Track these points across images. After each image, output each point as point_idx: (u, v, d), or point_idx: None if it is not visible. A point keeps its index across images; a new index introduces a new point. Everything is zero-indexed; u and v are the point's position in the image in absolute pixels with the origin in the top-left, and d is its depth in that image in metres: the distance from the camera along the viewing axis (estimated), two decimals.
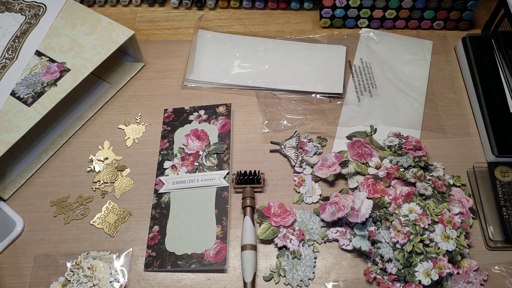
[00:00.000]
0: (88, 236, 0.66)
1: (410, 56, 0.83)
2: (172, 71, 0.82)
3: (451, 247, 0.60)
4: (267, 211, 0.66)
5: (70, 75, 0.71)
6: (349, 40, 0.85)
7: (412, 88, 0.79)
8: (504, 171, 0.68)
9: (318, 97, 0.78)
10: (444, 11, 0.85)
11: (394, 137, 0.72)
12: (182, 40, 0.87)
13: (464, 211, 0.66)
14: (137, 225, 0.67)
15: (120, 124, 0.76)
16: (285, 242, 0.64)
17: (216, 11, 0.91)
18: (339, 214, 0.62)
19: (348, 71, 0.82)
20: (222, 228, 0.65)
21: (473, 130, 0.76)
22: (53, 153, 0.73)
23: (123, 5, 0.92)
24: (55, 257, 0.64)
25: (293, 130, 0.74)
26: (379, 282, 0.61)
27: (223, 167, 0.70)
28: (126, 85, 0.81)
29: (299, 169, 0.71)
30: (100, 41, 0.74)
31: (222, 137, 0.73)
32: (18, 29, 0.76)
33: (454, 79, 0.82)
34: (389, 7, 0.85)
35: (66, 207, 0.68)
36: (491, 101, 0.75)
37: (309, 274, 0.62)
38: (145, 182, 0.71)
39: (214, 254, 0.63)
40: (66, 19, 0.77)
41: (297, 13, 0.91)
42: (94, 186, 0.70)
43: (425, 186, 0.64)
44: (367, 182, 0.67)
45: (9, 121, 0.67)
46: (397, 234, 0.60)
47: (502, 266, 0.63)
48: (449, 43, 0.86)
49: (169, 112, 0.77)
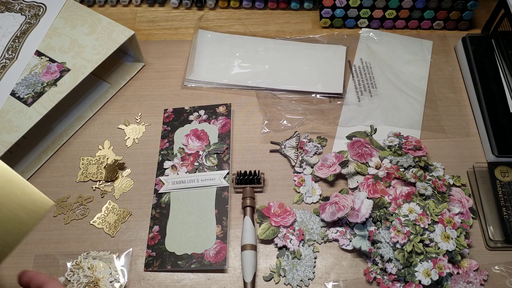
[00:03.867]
0: (88, 236, 0.66)
1: (410, 56, 0.83)
2: (172, 71, 0.82)
3: (451, 247, 0.60)
4: (267, 211, 0.66)
5: (70, 75, 0.71)
6: (349, 40, 0.85)
7: (412, 88, 0.79)
8: (504, 171, 0.68)
9: (318, 97, 0.78)
10: (444, 11, 0.85)
11: (394, 137, 0.72)
12: (182, 40, 0.87)
13: (464, 211, 0.66)
14: (137, 225, 0.67)
15: (120, 124, 0.76)
16: (285, 242, 0.64)
17: (216, 11, 0.91)
18: (339, 214, 0.62)
19: (348, 71, 0.82)
20: (222, 228, 0.65)
21: (473, 130, 0.76)
22: (53, 153, 0.73)
23: (123, 5, 0.92)
24: (55, 257, 0.64)
25: (293, 130, 0.74)
26: (379, 282, 0.61)
27: (223, 167, 0.70)
28: (126, 85, 0.81)
29: (299, 169, 0.71)
30: (100, 41, 0.74)
31: (222, 137, 0.73)
32: (18, 29, 0.76)
33: (454, 79, 0.82)
34: (389, 7, 0.85)
35: (66, 207, 0.68)
36: (491, 101, 0.75)
37: (309, 274, 0.62)
38: (145, 182, 0.71)
39: (214, 254, 0.63)
40: (66, 19, 0.77)
41: (297, 13, 0.91)
42: (94, 186, 0.70)
43: (425, 186, 0.64)
44: (367, 182, 0.67)
45: (9, 121, 0.67)
46: (397, 234, 0.60)
47: (502, 266, 0.63)
48: (449, 43, 0.86)
49: (169, 112, 0.77)
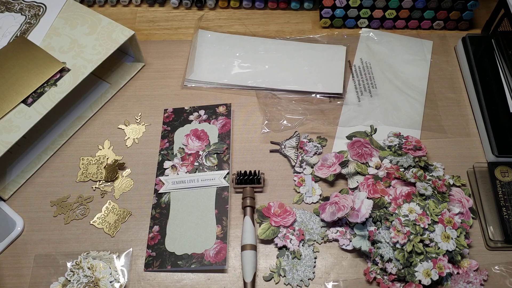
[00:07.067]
0: (88, 236, 0.66)
1: (410, 56, 0.83)
2: (172, 71, 0.82)
3: (451, 247, 0.60)
4: (267, 211, 0.66)
5: (70, 75, 0.71)
6: (349, 40, 0.85)
7: (412, 88, 0.80)
8: (504, 171, 0.68)
9: (318, 97, 0.78)
10: (444, 11, 0.85)
11: (394, 137, 0.72)
12: (182, 40, 0.87)
13: (464, 211, 0.66)
14: (137, 225, 0.67)
15: (120, 124, 0.76)
16: (285, 242, 0.64)
17: (216, 11, 0.91)
18: (339, 214, 0.62)
19: (348, 71, 0.82)
20: (222, 228, 0.65)
21: (473, 130, 0.76)
22: (53, 153, 0.73)
23: (123, 5, 0.92)
24: (55, 257, 0.64)
25: (293, 130, 0.74)
26: (379, 282, 0.61)
27: (223, 167, 0.70)
28: (126, 85, 0.81)
29: (299, 169, 0.71)
30: (100, 41, 0.74)
31: (222, 137, 0.73)
32: (18, 29, 0.76)
33: (454, 79, 0.82)
34: (389, 7, 0.85)
35: (66, 207, 0.68)
36: (491, 101, 0.75)
37: (309, 274, 0.62)
38: (145, 182, 0.71)
39: (214, 254, 0.63)
40: (66, 19, 0.77)
41: (297, 13, 0.91)
42: (94, 186, 0.70)
43: (425, 186, 0.64)
44: (367, 182, 0.67)
45: (9, 121, 0.67)
46: (397, 234, 0.61)
47: (502, 266, 0.63)
48: (449, 43, 0.86)
49: (169, 112, 0.77)
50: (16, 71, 0.69)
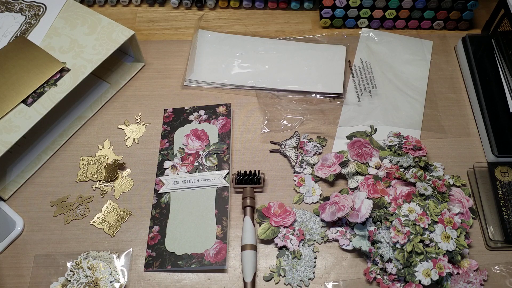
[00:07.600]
0: (88, 236, 0.66)
1: (410, 56, 0.83)
2: (172, 71, 0.82)
3: (451, 247, 0.60)
4: (267, 211, 0.66)
5: (70, 75, 0.71)
6: (349, 40, 0.85)
7: (412, 88, 0.80)
8: (504, 171, 0.68)
9: (318, 97, 0.78)
10: (444, 11, 0.85)
11: (394, 137, 0.72)
12: (182, 40, 0.87)
13: (464, 211, 0.66)
14: (137, 225, 0.67)
15: (120, 124, 0.76)
16: (285, 242, 0.64)
17: (216, 11, 0.91)
18: (339, 214, 0.62)
19: (348, 71, 0.82)
20: (222, 228, 0.65)
21: (473, 130, 0.76)
22: (53, 153, 0.73)
23: (123, 5, 0.92)
24: (55, 257, 0.64)
25: (293, 130, 0.74)
26: (379, 282, 0.61)
27: (223, 167, 0.70)
28: (126, 85, 0.81)
29: (299, 169, 0.71)
30: (100, 41, 0.74)
31: (222, 137, 0.73)
32: (18, 29, 0.76)
33: (454, 79, 0.82)
34: (389, 7, 0.85)
35: (66, 207, 0.68)
36: (491, 101, 0.75)
37: (309, 274, 0.62)
38: (145, 182, 0.71)
39: (214, 254, 0.63)
40: (66, 19, 0.77)
41: (297, 13, 0.91)
42: (94, 186, 0.70)
43: (425, 186, 0.64)
44: (367, 182, 0.67)
45: (9, 121, 0.67)
46: (397, 234, 0.61)
47: (502, 266, 0.63)
48: (449, 43, 0.86)
49: (169, 112, 0.77)
50: (16, 71, 0.70)
